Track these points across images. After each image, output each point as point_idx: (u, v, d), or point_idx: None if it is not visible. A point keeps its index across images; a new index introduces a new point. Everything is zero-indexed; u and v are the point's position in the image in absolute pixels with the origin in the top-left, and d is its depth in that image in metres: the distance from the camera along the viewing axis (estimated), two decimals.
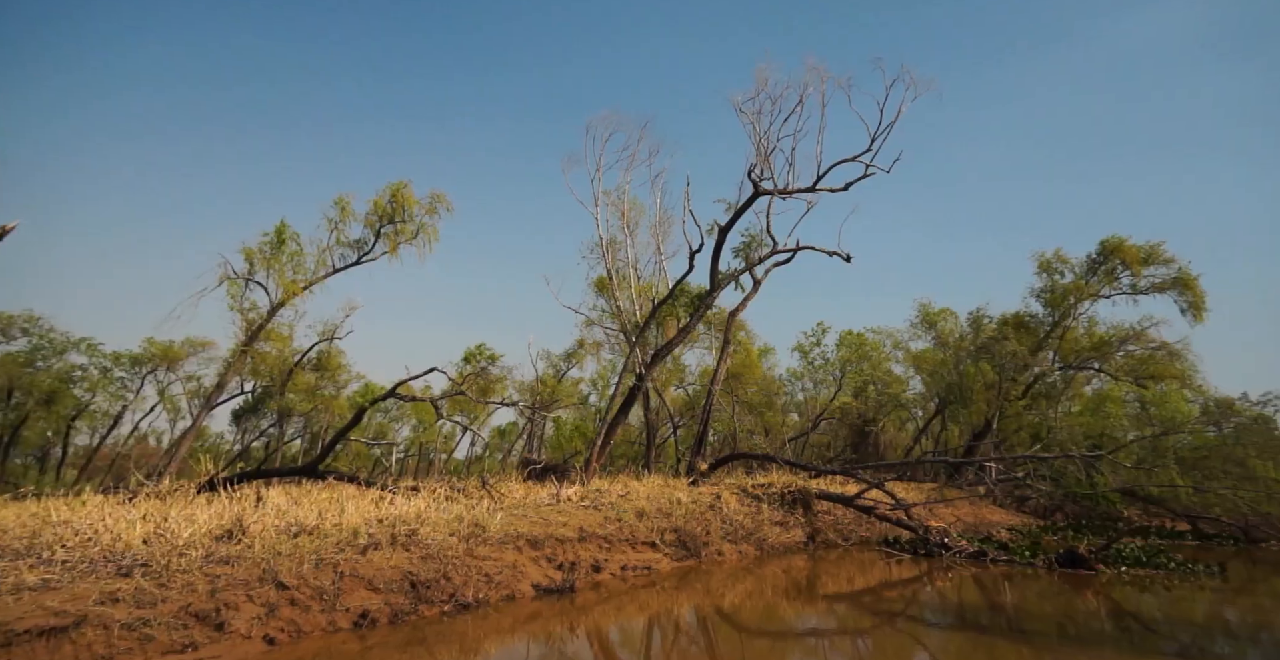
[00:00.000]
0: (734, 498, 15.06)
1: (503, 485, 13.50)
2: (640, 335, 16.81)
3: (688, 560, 11.99)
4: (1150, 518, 22.58)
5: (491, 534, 9.23)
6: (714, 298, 16.29)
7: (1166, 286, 24.39)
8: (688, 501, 13.92)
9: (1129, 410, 25.38)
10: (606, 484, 15.17)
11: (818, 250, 15.98)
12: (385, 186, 18.82)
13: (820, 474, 17.12)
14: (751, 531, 13.81)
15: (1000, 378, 24.60)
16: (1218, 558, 17.72)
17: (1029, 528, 19.56)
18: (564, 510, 11.72)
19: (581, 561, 9.92)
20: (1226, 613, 10.31)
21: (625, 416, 16.82)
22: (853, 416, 34.73)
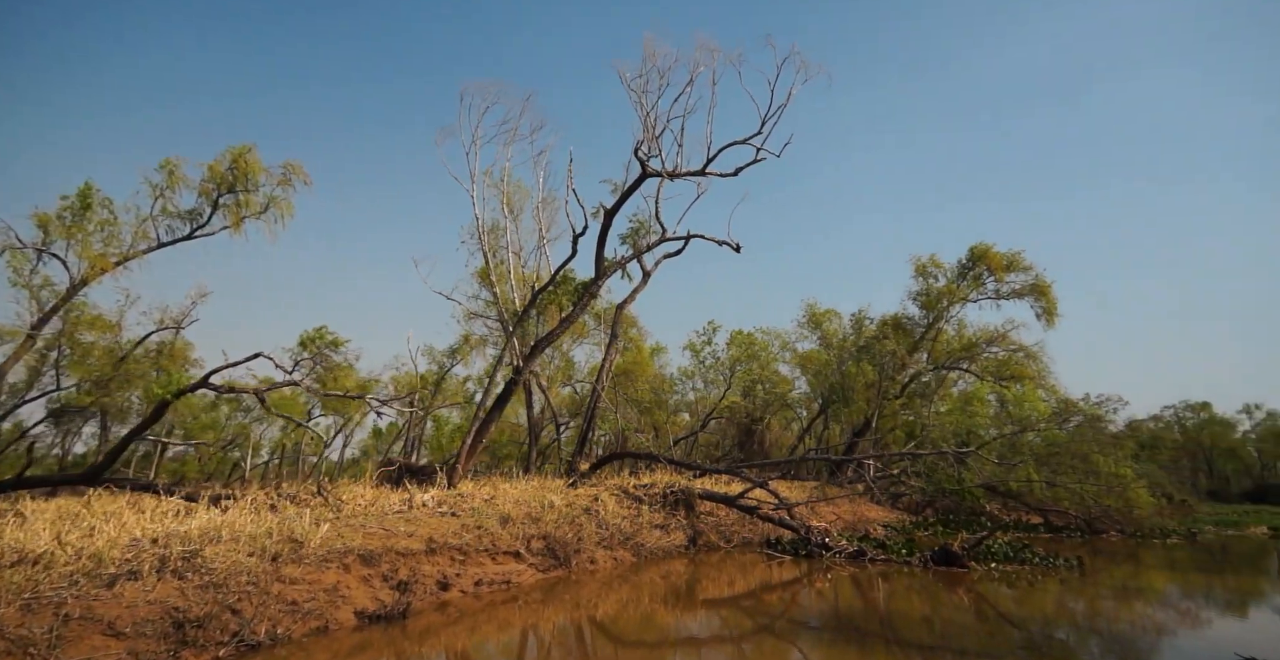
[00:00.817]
0: (613, 500, 14.07)
1: (348, 490, 11.73)
2: (519, 325, 15.46)
3: (556, 570, 10.82)
4: (1009, 512, 23.94)
5: (311, 550, 7.63)
6: (599, 286, 15.26)
7: (1025, 292, 26.15)
8: (562, 505, 12.75)
9: (991, 409, 26.93)
10: (474, 487, 13.72)
11: (707, 239, 15.39)
12: (225, 150, 16.26)
13: (705, 473, 16.52)
14: (630, 536, 12.87)
15: (880, 377, 25.34)
16: (1068, 548, 18.88)
17: (903, 524, 19.99)
18: (415, 518, 10.21)
19: (424, 578, 8.50)
20: (1081, 604, 10.51)
21: (500, 413, 15.39)
22: (740, 416, 34.90)
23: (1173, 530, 21.82)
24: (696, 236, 15.63)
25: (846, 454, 25.02)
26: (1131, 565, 15.66)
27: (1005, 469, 22.38)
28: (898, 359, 25.58)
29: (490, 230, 19.38)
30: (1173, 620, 9.19)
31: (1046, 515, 22.66)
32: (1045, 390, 24.90)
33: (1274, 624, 9.28)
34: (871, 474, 22.70)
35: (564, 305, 17.00)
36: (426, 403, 42.25)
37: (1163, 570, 15.57)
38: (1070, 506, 21.46)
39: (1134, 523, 21.24)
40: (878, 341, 26.50)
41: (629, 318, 32.29)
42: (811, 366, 33.66)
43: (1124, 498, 20.64)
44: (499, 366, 15.31)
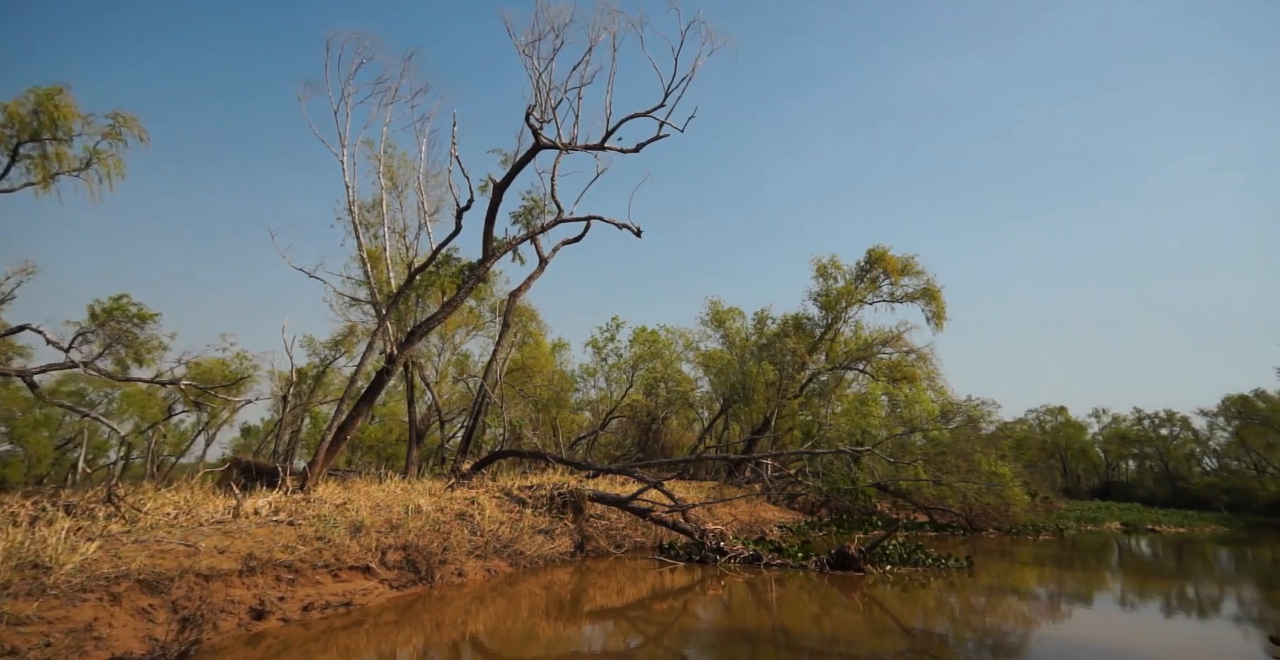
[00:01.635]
0: (493, 503, 12.66)
1: (161, 497, 9.66)
2: (392, 307, 13.69)
3: (415, 586, 9.32)
4: (898, 511, 24.47)
5: (61, 578, 5.80)
6: (486, 268, 13.78)
7: (917, 296, 26.96)
8: (431, 510, 11.21)
9: (883, 410, 27.55)
10: (331, 491, 11.89)
11: (607, 221, 14.32)
12: (28, 91, 13.36)
13: (599, 473, 15.41)
14: (508, 543, 11.51)
15: (780, 376, 25.25)
16: (952, 546, 19.31)
17: (799, 524, 19.75)
18: (237, 530, 8.40)
19: (232, 606, 6.82)
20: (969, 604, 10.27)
21: (369, 407, 13.58)
22: (642, 415, 34.10)
23: (1042, 527, 23.01)
24: (595, 218, 14.52)
25: (745, 453, 24.70)
26: (1009, 562, 16.03)
27: (896, 468, 22.78)
28: (798, 358, 25.61)
29: (373, 206, 17.40)
30: (1042, 614, 9.59)
31: (932, 514, 23.28)
32: (935, 392, 25.75)
33: (1117, 613, 10.14)
34: (769, 474, 22.44)
35: (448, 289, 15.33)
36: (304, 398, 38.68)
37: (1037, 566, 16.02)
38: (954, 505, 22.09)
39: (1010, 520, 22.18)
40: (779, 339, 26.45)
41: (528, 311, 30.70)
42: (714, 366, 33.40)
43: (1002, 496, 21.46)
44: (368, 354, 13.47)
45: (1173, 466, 60.73)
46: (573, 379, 38.74)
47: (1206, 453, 61.56)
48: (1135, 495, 58.14)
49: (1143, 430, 64.26)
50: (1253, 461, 56.27)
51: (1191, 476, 58.16)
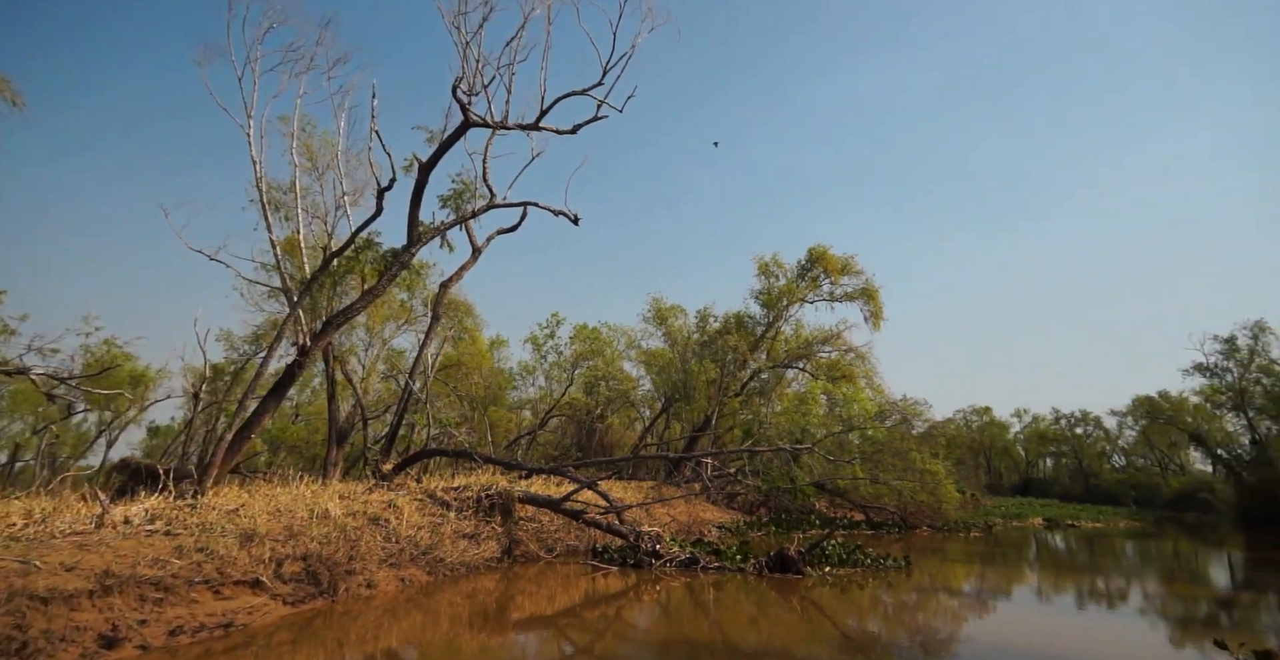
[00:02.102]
0: (413, 506, 11.69)
1: (5, 504, 8.32)
2: (305, 295, 12.50)
3: (315, 600, 8.34)
4: (835, 509, 24.55)
5: None
6: (411, 254, 12.76)
7: (856, 296, 27.20)
8: (341, 514, 10.18)
9: (822, 409, 27.69)
10: (232, 495, 10.68)
11: (542, 207, 13.52)
12: None
13: (531, 473, 14.59)
14: (428, 549, 10.60)
15: (721, 374, 24.98)
16: (886, 544, 19.37)
17: (737, 524, 19.44)
18: (97, 542, 7.25)
19: (76, 633, 5.76)
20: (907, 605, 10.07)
21: (276, 403, 12.36)
22: (581, 414, 33.31)
23: (972, 524, 23.51)
24: (530, 204, 13.69)
25: (685, 452, 24.30)
26: (942, 560, 16.12)
27: (835, 467, 22.82)
28: (739, 356, 25.40)
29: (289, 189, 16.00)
30: (973, 614, 9.75)
31: (868, 512, 23.43)
32: (872, 390, 26.04)
33: (1042, 611, 10.44)
34: (709, 473, 22.08)
35: (369, 277, 14.20)
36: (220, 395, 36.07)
37: (969, 563, 16.18)
38: (890, 503, 22.27)
39: (942, 518, 22.54)
40: (720, 337, 26.20)
41: (463, 305, 29.46)
42: (656, 364, 32.96)
43: (935, 494, 21.76)
44: (277, 345, 12.25)
45: (1086, 464, 64.08)
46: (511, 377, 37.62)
47: (1116, 451, 65.29)
48: (1052, 491, 61.13)
49: (1060, 429, 67.63)
50: (1157, 459, 59.98)
51: (1103, 473, 61.44)
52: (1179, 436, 52.97)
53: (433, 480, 15.18)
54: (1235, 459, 43.39)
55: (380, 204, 12.29)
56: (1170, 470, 58.10)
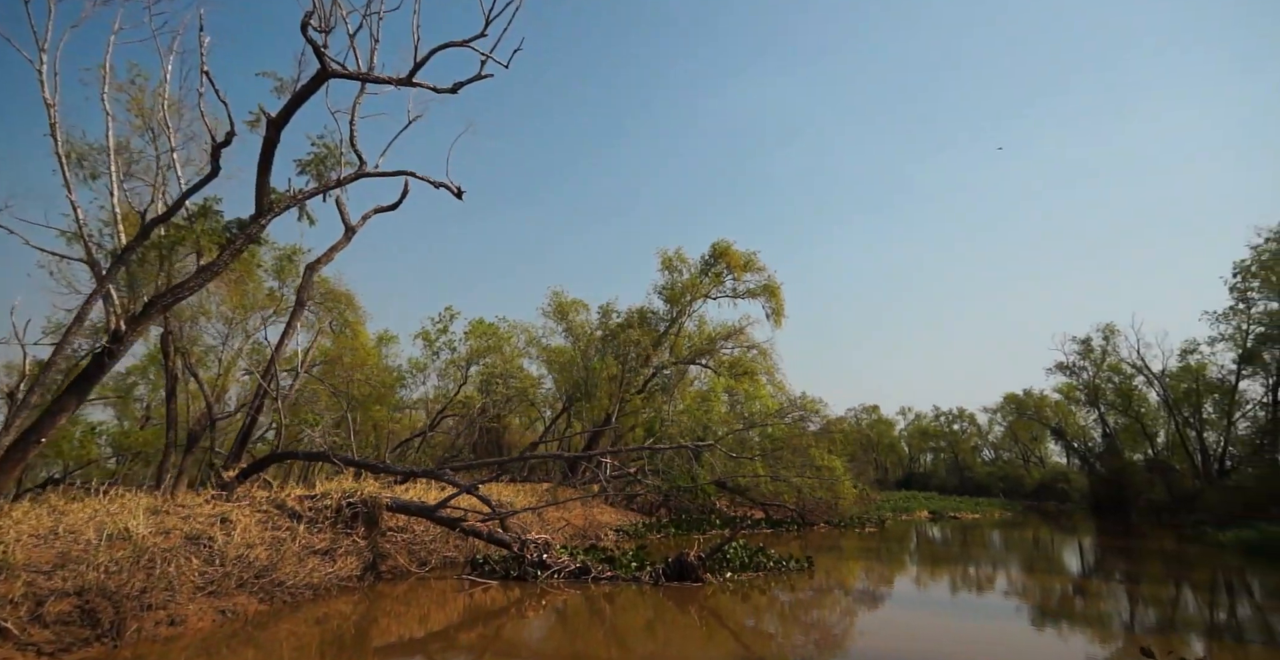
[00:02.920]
0: (253, 518, 9.81)
1: None
2: (116, 269, 10.28)
3: (88, 647, 6.48)
4: (736, 508, 24.22)
5: None
6: (261, 226, 10.80)
7: (758, 293, 27.10)
8: (147, 534, 8.23)
9: (724, 407, 27.41)
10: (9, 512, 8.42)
11: (421, 179, 11.90)
12: None
13: (406, 478, 12.90)
14: (264, 570, 8.82)
15: (622, 370, 24.04)
16: (785, 542, 19.11)
17: (636, 527, 18.52)
18: None
19: None
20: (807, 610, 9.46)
21: (76, 400, 10.06)
22: (475, 413, 31.36)
23: (867, 519, 23.89)
24: (407, 174, 12.01)
25: (583, 452, 23.16)
26: (840, 557, 15.95)
27: (736, 464, 22.45)
28: (641, 351, 24.57)
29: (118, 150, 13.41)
30: (871, 614, 9.61)
31: (768, 510, 23.24)
32: (774, 387, 26.00)
33: (925, 603, 10.68)
34: (607, 473, 21.05)
35: (209, 251, 12.00)
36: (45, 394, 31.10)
37: (866, 559, 16.12)
38: (789, 500, 22.14)
39: (839, 514, 22.70)
40: (623, 331, 25.26)
41: (344, 295, 26.84)
42: (558, 362, 31.60)
43: (833, 490, 21.86)
44: (74, 329, 9.97)
45: (961, 458, 68.67)
46: (401, 375, 35.02)
47: (986, 445, 70.46)
48: (931, 485, 65.05)
49: (939, 426, 72.20)
50: (1021, 452, 65.20)
51: (975, 467, 65.97)
52: (1040, 431, 57.70)
53: (298, 489, 13.17)
54: (1089, 451, 47.53)
55: (216, 164, 10.28)
56: (1032, 462, 63.26)
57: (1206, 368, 36.18)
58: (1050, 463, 60.99)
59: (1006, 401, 56.70)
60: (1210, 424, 36.00)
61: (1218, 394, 35.41)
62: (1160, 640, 8.36)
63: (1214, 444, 35.69)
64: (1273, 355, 31.19)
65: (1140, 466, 40.65)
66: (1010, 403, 56.12)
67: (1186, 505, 33.38)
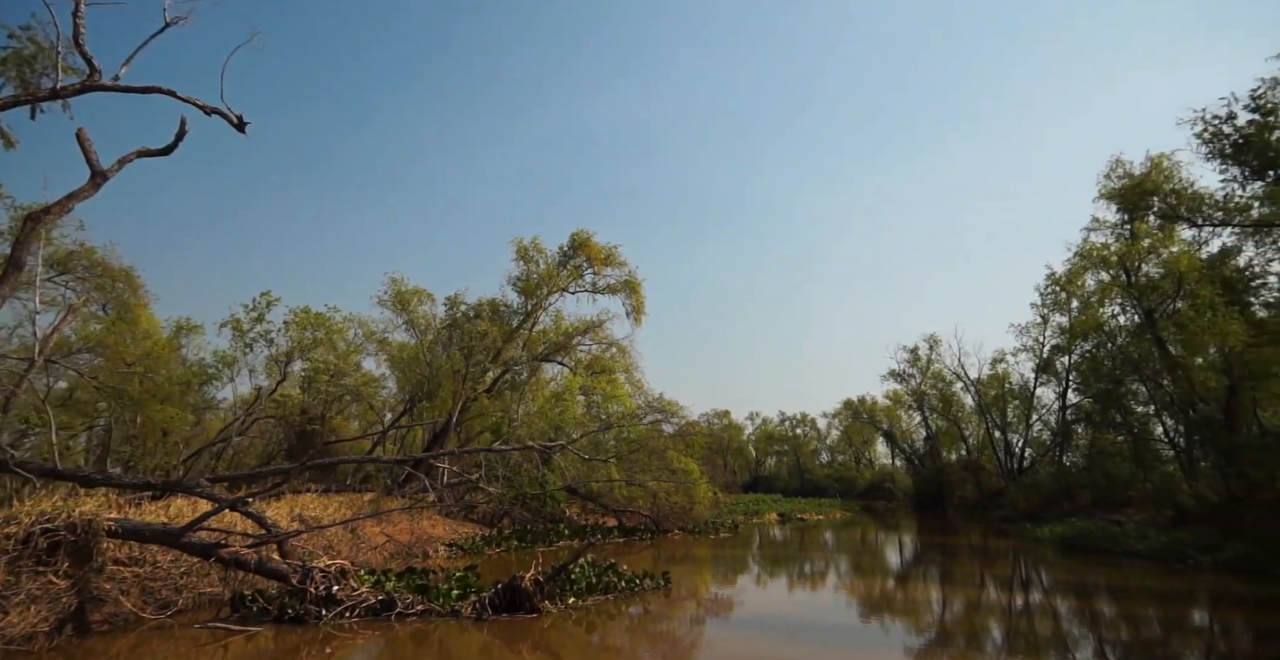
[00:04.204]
0: None
1: None
2: None
3: None
4: (588, 515, 22.60)
5: None
6: None
7: (619, 288, 25.82)
8: None
9: (580, 409, 25.80)
10: None
11: (184, 100, 9.02)
12: None
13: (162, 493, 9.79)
14: None
15: (466, 364, 21.56)
16: (638, 551, 17.78)
17: (474, 540, 16.26)
18: None
19: None
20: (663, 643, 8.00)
21: None
22: (295, 414, 27.24)
23: (720, 523, 23.26)
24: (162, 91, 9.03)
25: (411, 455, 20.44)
26: (695, 567, 14.89)
27: (589, 468, 20.90)
28: (490, 344, 22.23)
29: None
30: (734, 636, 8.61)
31: (621, 517, 21.87)
32: (632, 386, 24.77)
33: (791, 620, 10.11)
34: (444, 480, 18.58)
35: None
36: None
37: (723, 567, 15.19)
38: (644, 506, 20.92)
39: (694, 519, 21.83)
40: (470, 321, 22.76)
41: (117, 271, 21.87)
42: (401, 359, 28.26)
43: (689, 495, 20.95)
44: None
45: (802, 461, 72.56)
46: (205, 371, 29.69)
47: (824, 448, 75.12)
48: (775, 487, 67.94)
49: (784, 430, 75.93)
50: (854, 454, 70.09)
51: (814, 469, 69.90)
52: (872, 435, 62.21)
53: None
54: (914, 452, 51.66)
55: None
56: (863, 464, 68.16)
57: (1010, 375, 40.45)
58: (879, 464, 66.01)
59: (845, 407, 60.40)
60: (1012, 427, 40.18)
61: (1019, 400, 39.65)
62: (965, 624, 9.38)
63: (1016, 445, 39.84)
64: (1063, 365, 35.29)
65: (956, 466, 44.66)
66: (848, 408, 59.85)
67: (994, 501, 36.88)
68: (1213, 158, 15.31)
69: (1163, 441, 27.77)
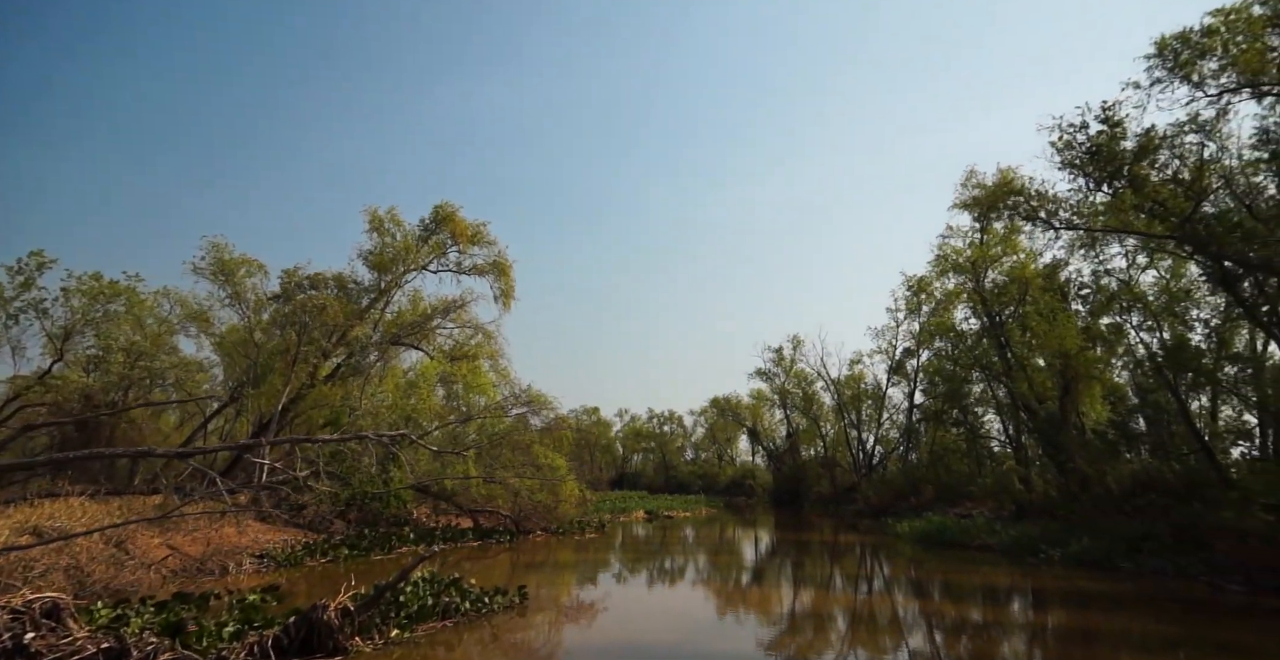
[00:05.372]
0: None
1: None
2: None
3: None
4: (440, 516, 20.22)
5: None
6: None
7: (487, 269, 23.56)
8: None
9: (439, 400, 23.31)
10: None
11: None
12: None
13: None
14: None
15: (300, 341, 18.46)
16: (495, 555, 15.90)
17: (292, 550, 13.58)
18: None
19: None
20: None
21: None
22: (73, 400, 22.47)
23: (587, 523, 21.81)
24: None
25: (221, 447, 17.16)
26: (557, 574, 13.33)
27: (444, 464, 18.66)
28: (331, 321, 19.17)
29: None
30: None
31: (478, 517, 19.77)
32: (497, 374, 22.59)
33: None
34: (261, 478, 15.57)
35: None
36: None
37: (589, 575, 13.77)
38: (504, 505, 19.00)
39: (558, 519, 20.21)
40: (304, 290, 19.55)
41: None
42: (228, 342, 24.07)
43: (555, 493, 19.33)
44: None
45: (668, 457, 73.21)
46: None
47: (690, 445, 76.32)
48: (640, 484, 67.92)
49: (651, 428, 76.26)
50: (717, 452, 71.73)
51: (679, 466, 70.69)
52: (735, 432, 63.85)
53: None
54: (776, 449, 53.35)
55: None
56: (725, 461, 69.91)
57: (865, 376, 42.71)
58: (740, 461, 67.93)
59: (712, 404, 61.40)
60: (866, 425, 42.44)
61: (872, 399, 41.95)
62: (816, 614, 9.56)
63: (868, 443, 42.08)
64: (913, 367, 37.70)
65: (815, 462, 46.52)
66: (715, 406, 60.90)
67: (847, 496, 38.57)
68: (1064, 167, 16.14)
69: (999, 440, 30.15)
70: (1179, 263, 20.31)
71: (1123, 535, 14.05)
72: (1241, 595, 10.67)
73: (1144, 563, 13.05)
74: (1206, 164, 14.10)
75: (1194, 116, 13.88)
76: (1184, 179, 14.52)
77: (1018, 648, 8.02)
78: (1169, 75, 13.62)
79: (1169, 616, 9.47)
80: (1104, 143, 15.03)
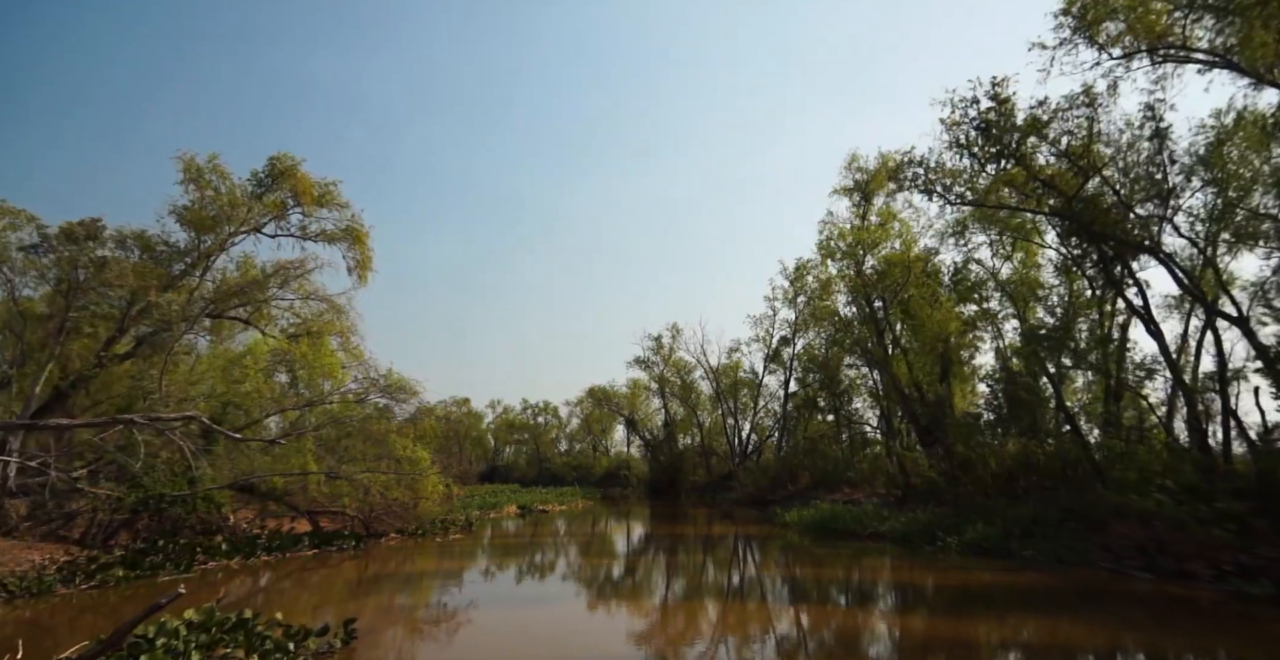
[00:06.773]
0: None
1: None
2: None
3: None
4: (266, 519, 16.84)
5: None
6: None
7: (338, 237, 20.14)
8: None
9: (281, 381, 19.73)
10: None
11: None
12: None
13: None
14: None
15: (68, 305, 14.46)
16: (337, 564, 13.23)
17: (45, 576, 10.17)
18: None
19: None
20: None
21: None
22: None
23: (452, 522, 19.33)
24: None
25: None
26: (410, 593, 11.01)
27: (276, 459, 15.52)
28: (121, 282, 15.19)
29: None
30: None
31: (318, 520, 16.71)
32: (349, 354, 19.26)
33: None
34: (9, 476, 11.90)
35: None
36: None
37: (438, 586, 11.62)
38: (351, 505, 16.15)
39: (417, 518, 17.61)
40: (81, 243, 15.34)
41: None
42: None
43: (414, 489, 16.76)
44: None
45: (542, 449, 70.86)
46: None
47: (564, 436, 74.36)
48: (513, 476, 65.11)
49: (525, 418, 73.41)
50: (592, 442, 70.38)
51: (553, 457, 68.57)
52: (610, 422, 62.75)
53: None
54: (653, 438, 52.73)
55: None
56: (599, 451, 68.72)
57: (742, 364, 43.01)
58: (615, 451, 66.98)
59: (588, 394, 59.83)
60: (743, 413, 42.78)
61: (749, 388, 42.32)
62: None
63: (744, 431, 42.45)
64: (789, 355, 38.35)
65: (691, 450, 46.33)
66: (591, 395, 59.41)
67: (724, 484, 38.59)
68: (953, 146, 16.12)
69: (870, 426, 31.03)
70: (1032, 252, 21.50)
71: (1014, 519, 14.01)
72: (1149, 583, 10.51)
73: (1041, 548, 12.81)
74: (1094, 139, 14.43)
75: (1087, 88, 14.13)
76: (1073, 154, 14.77)
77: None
78: (1073, 36, 13.75)
79: (1095, 614, 8.93)
80: (994, 120, 15.03)
